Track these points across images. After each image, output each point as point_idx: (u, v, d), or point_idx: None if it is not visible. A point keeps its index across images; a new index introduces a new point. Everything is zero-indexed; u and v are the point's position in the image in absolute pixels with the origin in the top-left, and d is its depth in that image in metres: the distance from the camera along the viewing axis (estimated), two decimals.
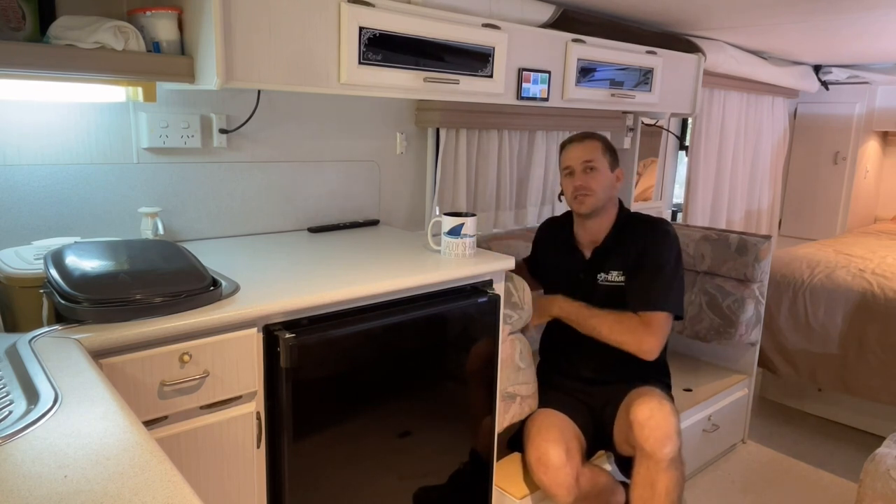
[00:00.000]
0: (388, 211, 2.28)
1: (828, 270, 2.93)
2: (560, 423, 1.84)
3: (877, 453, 1.68)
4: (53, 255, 1.24)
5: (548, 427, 1.80)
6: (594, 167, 1.96)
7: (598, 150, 1.98)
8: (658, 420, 1.70)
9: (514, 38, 1.97)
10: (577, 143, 2.00)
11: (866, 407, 2.88)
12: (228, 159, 1.86)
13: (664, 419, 1.71)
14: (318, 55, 1.56)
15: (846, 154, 4.16)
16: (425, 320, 1.55)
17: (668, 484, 1.68)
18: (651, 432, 1.69)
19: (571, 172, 1.98)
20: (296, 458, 1.36)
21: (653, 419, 1.70)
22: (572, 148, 2.00)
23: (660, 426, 1.69)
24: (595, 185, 1.95)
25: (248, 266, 1.56)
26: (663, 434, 1.69)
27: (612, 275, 1.98)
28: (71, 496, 0.65)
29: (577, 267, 2.03)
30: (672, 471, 1.69)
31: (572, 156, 1.98)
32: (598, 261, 2.01)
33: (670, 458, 1.68)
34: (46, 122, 1.54)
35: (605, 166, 1.98)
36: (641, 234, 1.98)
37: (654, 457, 1.68)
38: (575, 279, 2.02)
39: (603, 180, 1.96)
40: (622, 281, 1.96)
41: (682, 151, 3.58)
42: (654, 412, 1.71)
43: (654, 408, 1.72)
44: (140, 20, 1.42)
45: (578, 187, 1.96)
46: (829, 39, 2.88)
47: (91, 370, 0.95)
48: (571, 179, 1.98)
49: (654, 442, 1.68)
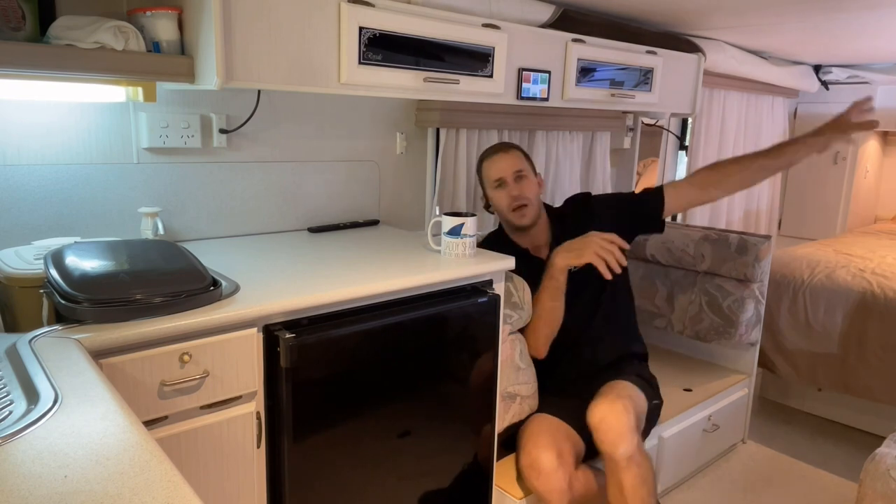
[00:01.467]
0: (388, 211, 2.28)
1: (828, 270, 2.93)
2: (552, 427, 1.83)
3: (877, 453, 1.68)
4: (53, 255, 1.24)
5: (539, 432, 1.80)
6: (523, 175, 1.96)
7: (522, 159, 1.98)
8: (610, 422, 1.71)
9: (514, 38, 1.97)
10: (502, 153, 1.98)
11: (866, 407, 2.88)
12: (228, 159, 1.86)
13: (616, 420, 1.71)
14: (318, 55, 1.56)
15: (846, 154, 4.16)
16: (425, 320, 1.55)
17: (632, 482, 1.69)
18: (604, 435, 1.71)
19: (503, 184, 1.95)
20: (296, 458, 1.36)
21: (605, 422, 1.72)
22: (498, 159, 1.97)
23: (612, 428, 1.70)
24: (529, 193, 1.95)
25: (248, 266, 1.56)
26: (616, 435, 1.69)
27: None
28: (71, 496, 0.65)
29: (541, 271, 1.99)
30: (633, 468, 1.69)
31: (501, 167, 1.96)
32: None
33: (628, 457, 1.69)
34: (46, 122, 1.54)
35: (531, 173, 1.99)
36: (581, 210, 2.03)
37: (612, 458, 1.70)
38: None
39: (533, 187, 1.97)
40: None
41: (682, 151, 3.58)
42: (606, 414, 1.73)
43: (606, 410, 1.74)
44: (140, 20, 1.42)
45: (516, 196, 1.94)
46: (829, 39, 2.88)
47: (91, 370, 0.95)
48: (505, 190, 1.95)
49: (608, 444, 1.70)
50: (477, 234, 1.73)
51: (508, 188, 1.94)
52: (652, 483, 1.74)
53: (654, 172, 3.44)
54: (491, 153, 2.00)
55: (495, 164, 1.97)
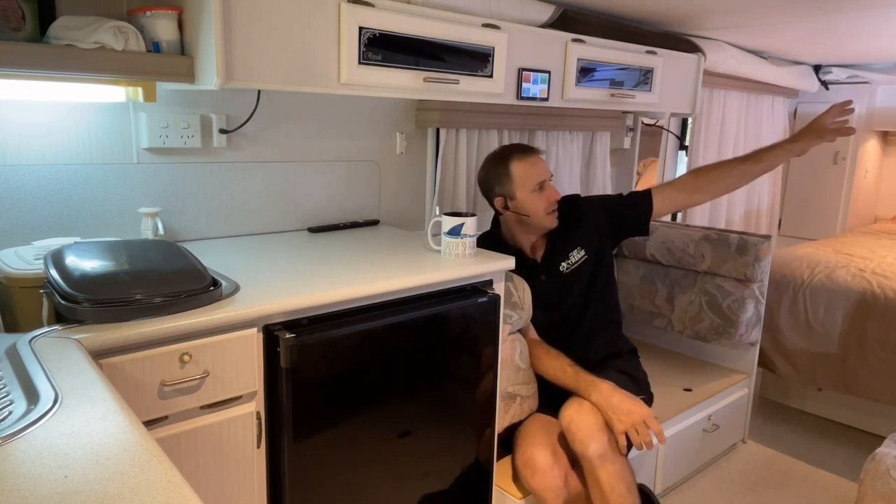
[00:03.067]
0: (388, 211, 2.28)
1: (828, 270, 2.93)
2: (547, 425, 1.84)
3: (877, 453, 1.68)
4: (53, 255, 1.24)
5: (533, 431, 1.81)
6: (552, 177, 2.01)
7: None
8: (577, 422, 1.71)
9: (513, 38, 1.97)
10: (535, 155, 1.99)
11: (866, 407, 2.88)
12: (228, 159, 1.86)
13: (583, 419, 1.71)
14: (318, 55, 1.56)
15: (846, 154, 4.16)
16: (425, 320, 1.55)
17: (608, 479, 1.68)
18: (574, 435, 1.71)
19: (544, 186, 1.96)
20: (296, 458, 1.36)
21: (573, 423, 1.72)
22: (536, 161, 1.98)
23: (580, 428, 1.71)
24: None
25: (248, 266, 1.56)
26: (585, 434, 1.69)
27: (573, 256, 2.03)
28: (71, 496, 0.65)
29: (536, 271, 2.03)
30: (607, 465, 1.69)
31: (542, 169, 1.97)
32: (553, 256, 2.04)
33: (599, 455, 1.68)
34: (46, 122, 1.54)
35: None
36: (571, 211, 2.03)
37: (585, 457, 1.70)
38: (538, 284, 1.99)
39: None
40: (585, 254, 2.03)
41: (682, 151, 3.58)
42: (574, 415, 1.73)
43: (574, 411, 1.74)
44: (140, 20, 1.42)
45: (554, 201, 1.97)
46: (829, 39, 2.88)
47: (91, 370, 0.95)
48: (545, 193, 1.96)
49: (579, 444, 1.70)
50: (477, 234, 1.73)
51: (548, 192, 1.96)
52: (629, 478, 1.73)
53: (654, 172, 3.44)
54: (525, 154, 1.98)
55: (536, 166, 1.96)
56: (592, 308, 2.05)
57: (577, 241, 2.04)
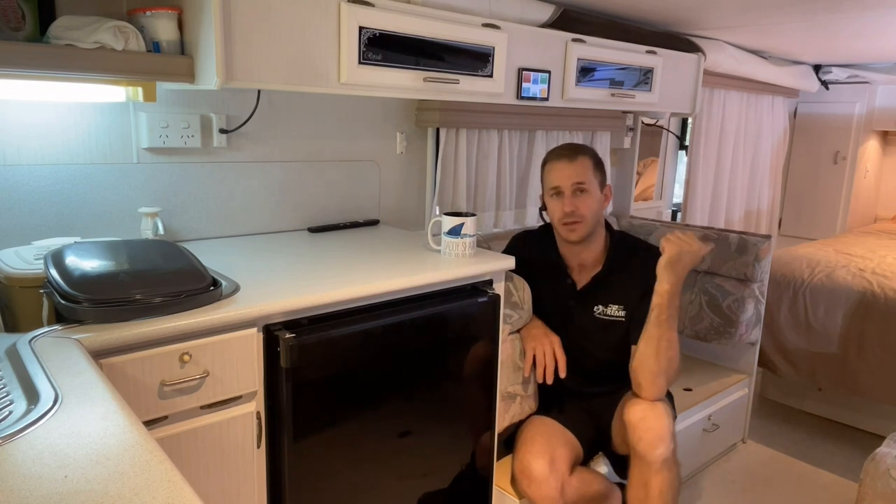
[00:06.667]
0: (388, 211, 2.28)
1: (828, 270, 2.93)
2: (548, 431, 1.82)
3: (877, 453, 1.68)
4: (53, 255, 1.24)
5: (533, 438, 1.79)
6: (585, 189, 1.80)
7: (590, 169, 1.82)
8: (650, 422, 1.69)
9: (513, 37, 1.97)
10: (566, 159, 1.82)
11: (866, 407, 2.88)
12: (228, 159, 1.86)
13: (656, 420, 1.70)
14: (318, 55, 1.56)
15: (846, 154, 4.16)
16: (425, 320, 1.55)
17: (661, 485, 1.68)
18: (643, 434, 1.68)
19: (559, 193, 1.82)
20: (296, 458, 1.36)
21: (645, 421, 1.70)
22: (562, 166, 1.81)
23: (652, 428, 1.68)
24: (586, 211, 1.80)
25: (248, 266, 1.56)
26: (655, 436, 1.68)
27: (612, 309, 1.88)
28: (71, 496, 0.65)
29: (567, 294, 1.91)
30: (665, 472, 1.68)
31: (562, 175, 1.81)
32: (593, 293, 1.89)
33: (662, 460, 1.67)
34: (46, 122, 1.54)
35: (595, 187, 1.82)
36: (641, 265, 1.82)
37: (645, 458, 1.68)
38: (564, 307, 1.91)
39: (593, 204, 1.81)
40: (622, 316, 1.86)
41: (681, 151, 3.58)
42: (647, 413, 1.70)
43: (647, 409, 1.71)
44: (140, 20, 1.42)
45: (569, 213, 1.80)
46: (829, 39, 2.88)
47: (91, 370, 0.95)
48: (560, 201, 1.82)
49: (645, 444, 1.68)
50: (477, 234, 1.73)
51: (564, 201, 1.81)
52: (678, 489, 1.72)
53: (654, 172, 3.44)
54: (555, 157, 1.85)
55: (556, 171, 1.83)
56: (604, 356, 1.93)
57: (622, 297, 1.86)
